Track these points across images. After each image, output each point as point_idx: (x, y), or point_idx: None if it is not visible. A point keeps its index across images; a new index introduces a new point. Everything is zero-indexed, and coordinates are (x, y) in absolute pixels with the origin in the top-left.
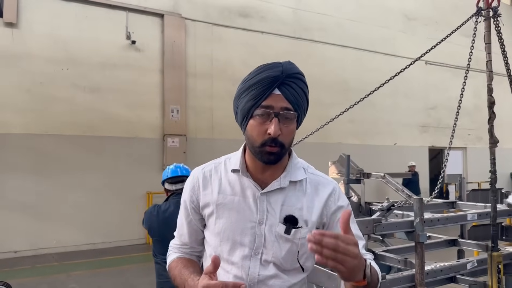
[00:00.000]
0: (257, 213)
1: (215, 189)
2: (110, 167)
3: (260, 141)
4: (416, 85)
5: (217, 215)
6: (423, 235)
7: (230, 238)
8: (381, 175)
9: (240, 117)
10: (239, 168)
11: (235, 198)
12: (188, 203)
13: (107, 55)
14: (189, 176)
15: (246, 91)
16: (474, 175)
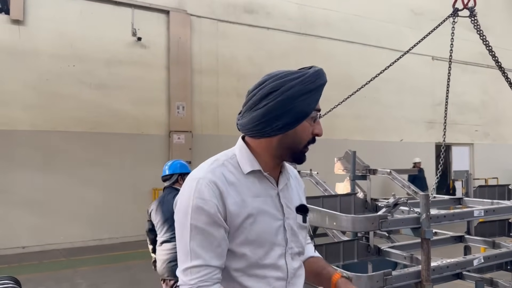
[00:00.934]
0: (282, 210)
1: (240, 196)
2: (116, 163)
3: (306, 142)
4: (422, 81)
5: (249, 222)
6: (429, 231)
7: (267, 241)
8: (387, 171)
9: (293, 118)
10: (259, 168)
11: (260, 201)
12: (216, 214)
13: (113, 51)
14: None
15: (308, 93)
16: (481, 171)
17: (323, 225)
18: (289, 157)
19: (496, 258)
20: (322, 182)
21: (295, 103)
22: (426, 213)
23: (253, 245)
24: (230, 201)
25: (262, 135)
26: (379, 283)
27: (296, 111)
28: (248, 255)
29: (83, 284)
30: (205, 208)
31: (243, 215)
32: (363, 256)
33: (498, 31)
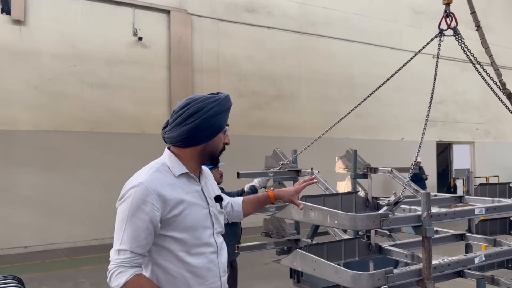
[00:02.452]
0: (207, 201)
1: (176, 192)
2: (118, 163)
3: (220, 149)
4: (423, 80)
5: (185, 213)
6: (430, 229)
7: (200, 225)
8: (388, 170)
9: (212, 131)
10: (187, 171)
11: (191, 195)
12: (152, 215)
13: (114, 51)
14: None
15: (223, 113)
16: (482, 170)
17: (324, 224)
18: (208, 161)
19: (497, 256)
20: (323, 181)
21: (214, 120)
22: (427, 211)
23: (191, 230)
24: (168, 197)
25: (189, 145)
26: (380, 281)
27: (215, 126)
28: (188, 238)
29: (85, 283)
30: (142, 207)
31: (180, 207)
32: (365, 254)
33: (498, 29)
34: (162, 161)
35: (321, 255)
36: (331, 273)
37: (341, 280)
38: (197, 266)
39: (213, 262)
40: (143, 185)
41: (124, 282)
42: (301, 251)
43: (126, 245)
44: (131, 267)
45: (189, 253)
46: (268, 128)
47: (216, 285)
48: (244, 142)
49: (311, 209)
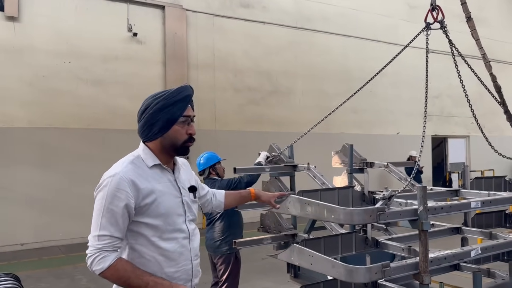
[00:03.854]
0: (180, 191)
1: (149, 182)
2: (114, 159)
3: (183, 140)
4: (418, 74)
5: (158, 201)
6: (427, 223)
7: (173, 213)
8: (384, 164)
9: (162, 125)
10: (159, 162)
11: (163, 185)
12: (127, 202)
13: (109, 47)
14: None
15: (172, 105)
16: (477, 163)
17: (321, 218)
18: (173, 152)
19: (493, 249)
20: (320, 176)
21: (161, 114)
22: (423, 205)
23: (163, 216)
24: (141, 187)
25: (149, 139)
26: (377, 275)
27: (164, 120)
28: (161, 224)
29: (83, 280)
30: (117, 195)
31: (152, 196)
32: (361, 248)
33: (494, 23)
34: (137, 154)
35: (318, 249)
36: (328, 267)
37: (338, 274)
38: (169, 250)
39: (185, 247)
40: (118, 175)
41: (108, 266)
42: (298, 246)
43: (105, 230)
44: (112, 251)
45: (161, 238)
46: (264, 123)
47: (187, 267)
48: (240, 138)
49: (308, 203)
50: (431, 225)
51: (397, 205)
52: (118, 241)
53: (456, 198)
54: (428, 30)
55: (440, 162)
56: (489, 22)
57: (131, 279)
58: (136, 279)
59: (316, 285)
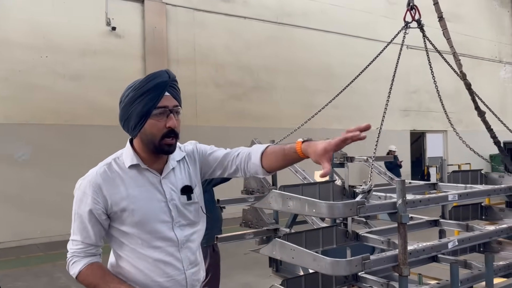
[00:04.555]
0: (165, 194)
1: (122, 187)
2: (94, 156)
3: (160, 135)
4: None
5: (131, 208)
6: (405, 216)
7: (152, 219)
8: (364, 158)
9: (136, 119)
10: (137, 162)
11: (142, 189)
12: (92, 207)
13: (87, 42)
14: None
15: (141, 97)
16: (454, 158)
17: (303, 213)
18: (154, 149)
19: (470, 241)
20: (301, 171)
21: (132, 107)
22: (402, 198)
23: (140, 225)
24: (110, 193)
25: (132, 136)
26: (358, 267)
27: (136, 113)
28: (138, 232)
29: (62, 278)
30: (83, 199)
31: (124, 202)
32: (342, 241)
33: (471, 20)
34: (120, 153)
35: (300, 243)
36: (310, 260)
37: (320, 267)
38: (153, 259)
39: (173, 256)
40: (87, 179)
41: (78, 272)
42: (280, 240)
43: (77, 236)
44: (84, 257)
45: (143, 246)
46: (246, 119)
47: (179, 278)
48: (222, 133)
49: (289, 198)
50: (409, 218)
51: (377, 199)
52: (91, 247)
53: (434, 191)
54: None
55: (419, 156)
56: (466, 18)
57: (99, 285)
58: (104, 284)
59: (297, 278)
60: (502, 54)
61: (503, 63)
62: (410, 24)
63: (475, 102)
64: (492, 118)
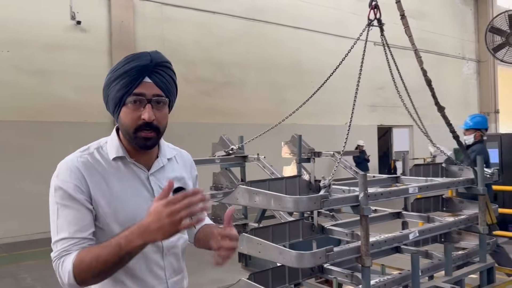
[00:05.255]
0: (153, 192)
1: (105, 180)
2: (59, 153)
3: (134, 127)
4: (365, 66)
5: (114, 205)
6: (367, 208)
7: (135, 221)
8: (331, 153)
9: (112, 105)
10: (123, 155)
11: (127, 184)
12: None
13: (51, 36)
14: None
15: (116, 80)
16: (420, 152)
17: (269, 207)
18: (131, 142)
19: (430, 232)
20: (269, 166)
21: (109, 90)
22: (364, 191)
23: (125, 225)
24: (92, 185)
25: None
26: (322, 259)
27: (111, 98)
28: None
29: (27, 279)
30: (64, 187)
31: (106, 197)
32: (308, 235)
33: (436, 17)
34: (104, 141)
35: (267, 237)
36: (276, 254)
37: (285, 260)
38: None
39: (155, 262)
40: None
41: (72, 266)
42: (247, 235)
43: (63, 233)
44: (71, 253)
45: None
46: (217, 115)
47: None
48: (192, 129)
49: (256, 193)
50: (373, 210)
51: (341, 192)
52: (83, 241)
53: (399, 184)
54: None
55: (386, 151)
56: (431, 16)
57: (100, 253)
58: (104, 250)
59: (264, 272)
60: (465, 51)
61: (466, 59)
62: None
63: (435, 98)
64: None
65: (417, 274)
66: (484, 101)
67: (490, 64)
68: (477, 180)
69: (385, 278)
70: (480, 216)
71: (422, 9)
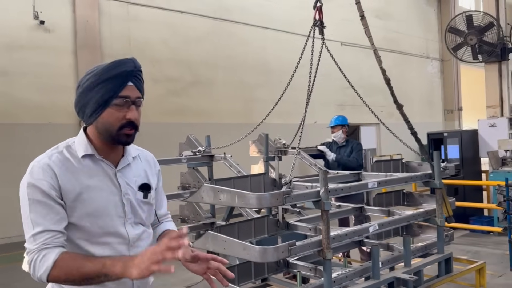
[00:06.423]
0: (120, 187)
1: (75, 175)
2: (23, 156)
3: (118, 126)
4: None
5: (84, 198)
6: (327, 203)
7: (105, 213)
8: (297, 151)
9: (94, 106)
10: (92, 152)
11: (96, 179)
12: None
13: (13, 36)
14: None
15: (101, 84)
16: (386, 149)
17: (233, 204)
18: (110, 139)
19: (390, 225)
20: (236, 165)
21: (91, 93)
22: (324, 186)
23: (92, 217)
24: (63, 181)
25: (86, 123)
26: (284, 253)
27: (95, 100)
28: (88, 226)
29: None
30: (37, 184)
31: (76, 191)
32: (273, 231)
33: (400, 18)
34: (72, 141)
35: (233, 234)
36: (240, 250)
37: (249, 255)
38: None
39: (121, 254)
40: (37, 164)
41: (52, 263)
42: (212, 232)
43: (39, 227)
44: (54, 247)
45: (89, 242)
46: (185, 114)
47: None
48: (160, 129)
49: (220, 191)
50: (337, 206)
51: (304, 188)
52: (59, 234)
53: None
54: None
55: None
56: (396, 16)
57: (84, 265)
58: (89, 263)
59: (230, 268)
60: (429, 50)
61: (430, 58)
62: None
63: (394, 96)
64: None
65: (377, 265)
66: (448, 99)
67: (453, 63)
68: (434, 174)
69: (347, 271)
70: (437, 209)
71: (387, 9)
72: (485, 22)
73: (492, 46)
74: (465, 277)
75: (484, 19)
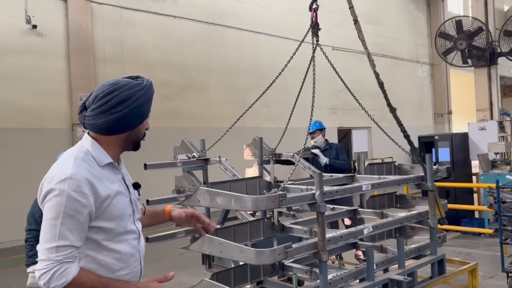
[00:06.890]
0: (128, 189)
1: (103, 184)
2: (14, 160)
3: (143, 135)
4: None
5: (113, 203)
6: (323, 205)
7: (125, 213)
8: (291, 154)
9: (141, 119)
10: (112, 160)
11: (116, 184)
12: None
13: (5, 40)
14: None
15: (149, 101)
16: (378, 152)
17: (230, 207)
18: (132, 147)
19: (384, 227)
20: (231, 168)
21: (142, 109)
22: (320, 189)
23: (117, 219)
24: (99, 189)
25: (113, 133)
26: (280, 256)
27: (142, 114)
28: (115, 227)
29: None
30: (79, 199)
31: (108, 198)
32: (269, 234)
33: (391, 23)
34: (84, 149)
35: (229, 237)
36: (236, 252)
37: (246, 258)
38: (121, 252)
39: (135, 247)
40: (76, 176)
41: (71, 278)
42: (209, 236)
43: (65, 240)
44: (73, 262)
45: (113, 241)
46: (178, 118)
47: (137, 269)
48: (153, 134)
49: (217, 194)
50: (331, 208)
51: (299, 191)
52: (77, 250)
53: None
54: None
55: (346, 152)
56: (387, 21)
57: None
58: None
59: (226, 271)
60: (419, 54)
61: (420, 63)
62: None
63: (387, 99)
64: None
65: (371, 267)
66: (437, 103)
67: (443, 67)
68: (426, 177)
69: (342, 272)
70: (430, 211)
71: (378, 14)
72: (474, 27)
73: (481, 51)
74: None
75: (474, 24)
